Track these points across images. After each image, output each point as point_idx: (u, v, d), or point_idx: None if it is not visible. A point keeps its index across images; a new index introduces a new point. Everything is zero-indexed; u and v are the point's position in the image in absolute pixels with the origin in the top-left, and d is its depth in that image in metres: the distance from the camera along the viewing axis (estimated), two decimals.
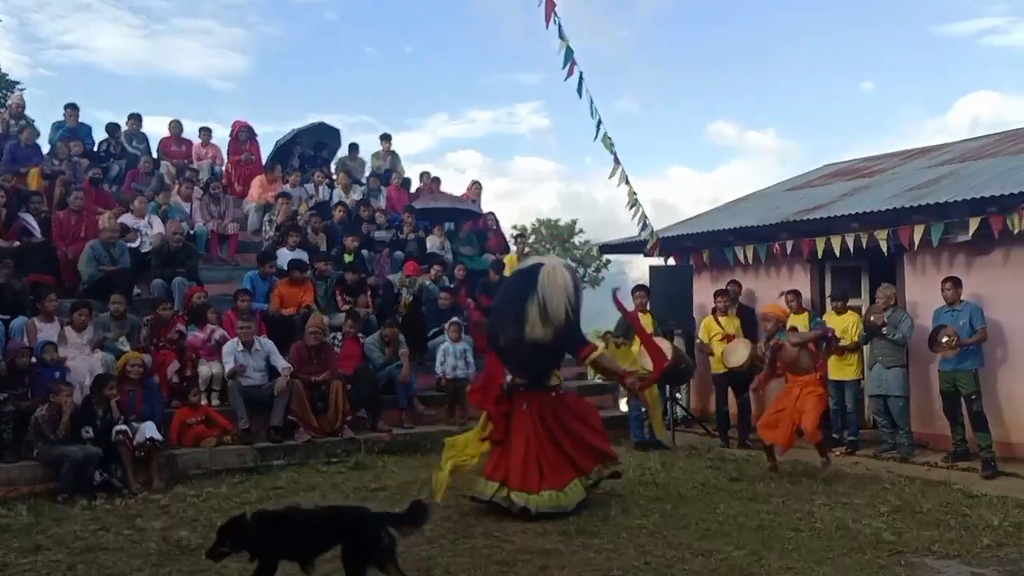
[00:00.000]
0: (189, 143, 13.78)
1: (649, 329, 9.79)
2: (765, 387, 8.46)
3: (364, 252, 11.61)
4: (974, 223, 8.25)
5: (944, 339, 8.13)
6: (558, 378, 6.87)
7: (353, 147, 15.15)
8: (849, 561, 5.18)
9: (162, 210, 11.30)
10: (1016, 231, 7.85)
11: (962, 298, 8.35)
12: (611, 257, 28.90)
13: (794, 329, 8.60)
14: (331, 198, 13.21)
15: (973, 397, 8.10)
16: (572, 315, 6.39)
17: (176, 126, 13.75)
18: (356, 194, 13.49)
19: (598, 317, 10.76)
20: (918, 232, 8.71)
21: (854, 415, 9.23)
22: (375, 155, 15.28)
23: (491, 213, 14.25)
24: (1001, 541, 5.60)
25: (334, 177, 14.12)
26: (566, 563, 5.23)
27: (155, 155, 13.13)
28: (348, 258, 11.19)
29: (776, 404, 8.08)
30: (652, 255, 11.92)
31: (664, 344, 9.77)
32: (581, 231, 36.33)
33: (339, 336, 9.73)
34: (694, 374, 11.15)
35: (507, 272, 12.44)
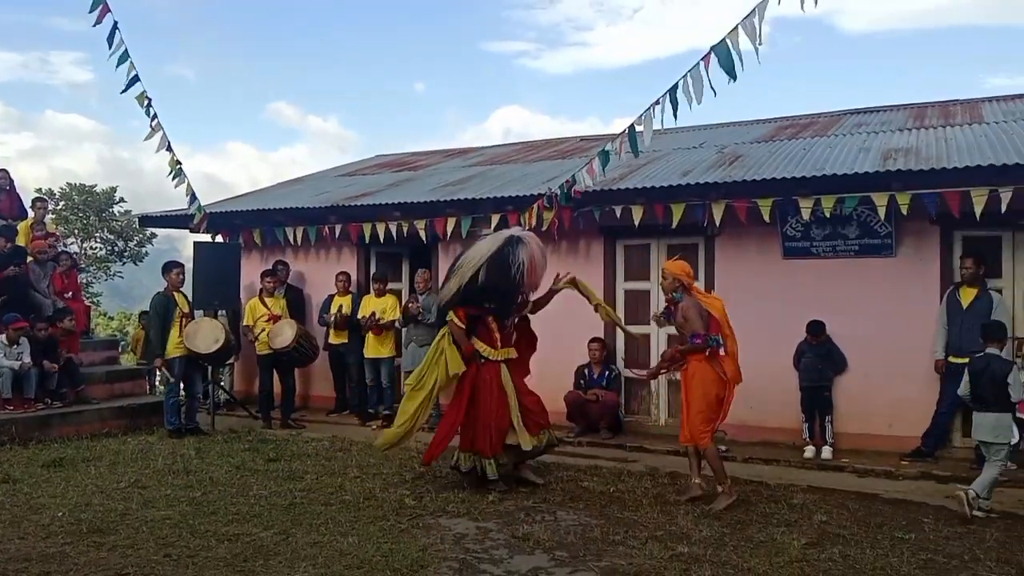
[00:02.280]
0: None
1: (185, 309, 9.28)
2: (669, 368, 6.75)
3: None
4: (495, 219, 9.32)
5: None
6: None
7: None
8: (373, 528, 5.46)
9: None
10: (527, 228, 9.04)
11: None
12: (162, 232, 26.66)
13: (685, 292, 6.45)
14: None
15: None
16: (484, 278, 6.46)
17: None
18: None
19: (146, 294, 9.99)
20: (451, 224, 9.57)
21: (390, 390, 9.81)
22: None
23: (3, 171, 12.11)
24: (503, 497, 6.37)
25: None
26: (72, 566, 4.66)
27: None
28: None
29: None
30: (199, 231, 11.24)
31: (213, 324, 9.36)
32: (123, 200, 32.84)
33: None
34: (239, 355, 10.92)
35: (20, 240, 10.72)
